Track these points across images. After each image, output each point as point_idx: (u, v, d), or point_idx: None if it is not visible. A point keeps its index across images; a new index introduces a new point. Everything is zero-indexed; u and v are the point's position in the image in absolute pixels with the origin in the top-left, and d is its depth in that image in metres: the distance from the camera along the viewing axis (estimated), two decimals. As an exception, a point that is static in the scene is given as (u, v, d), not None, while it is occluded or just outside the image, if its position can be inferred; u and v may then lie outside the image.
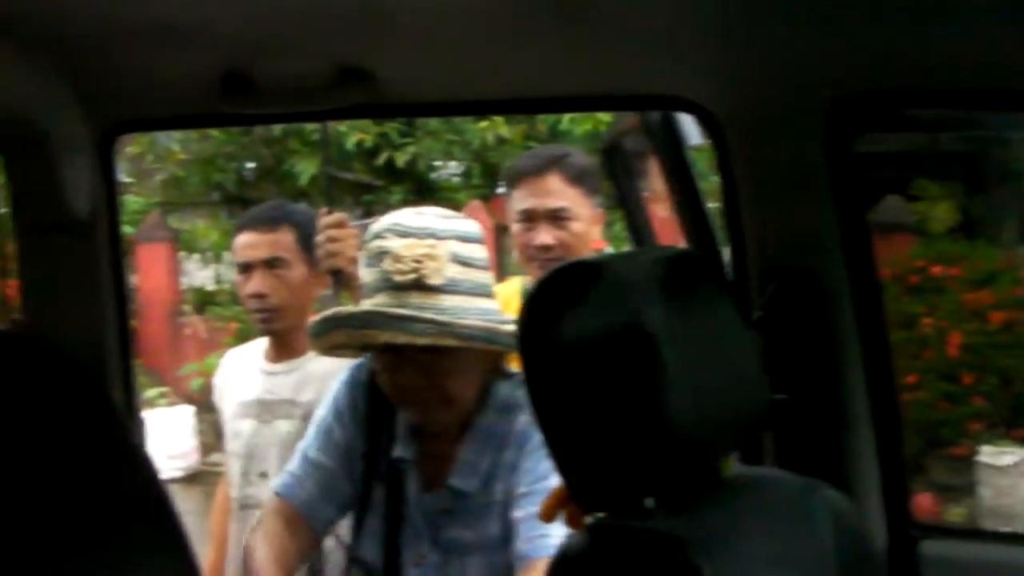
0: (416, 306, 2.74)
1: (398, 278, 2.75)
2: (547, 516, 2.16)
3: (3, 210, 3.10)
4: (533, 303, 2.03)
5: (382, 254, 2.79)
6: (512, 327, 2.75)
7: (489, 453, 2.92)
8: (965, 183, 14.29)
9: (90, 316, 3.07)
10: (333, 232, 3.63)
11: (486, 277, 2.88)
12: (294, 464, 3.20)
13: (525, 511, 2.72)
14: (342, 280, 3.63)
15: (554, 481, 2.11)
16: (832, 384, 2.73)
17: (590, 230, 3.94)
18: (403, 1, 2.38)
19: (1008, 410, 11.18)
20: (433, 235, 2.79)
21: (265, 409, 4.08)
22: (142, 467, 1.48)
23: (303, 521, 3.13)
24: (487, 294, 2.87)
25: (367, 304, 2.82)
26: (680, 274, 2.07)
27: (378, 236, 2.83)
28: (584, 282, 1.97)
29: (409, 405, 2.93)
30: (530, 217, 3.90)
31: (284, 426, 4.00)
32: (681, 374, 1.88)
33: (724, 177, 2.81)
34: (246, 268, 4.07)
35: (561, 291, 2.00)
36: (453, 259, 2.79)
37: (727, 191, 2.82)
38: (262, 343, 4.27)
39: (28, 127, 2.79)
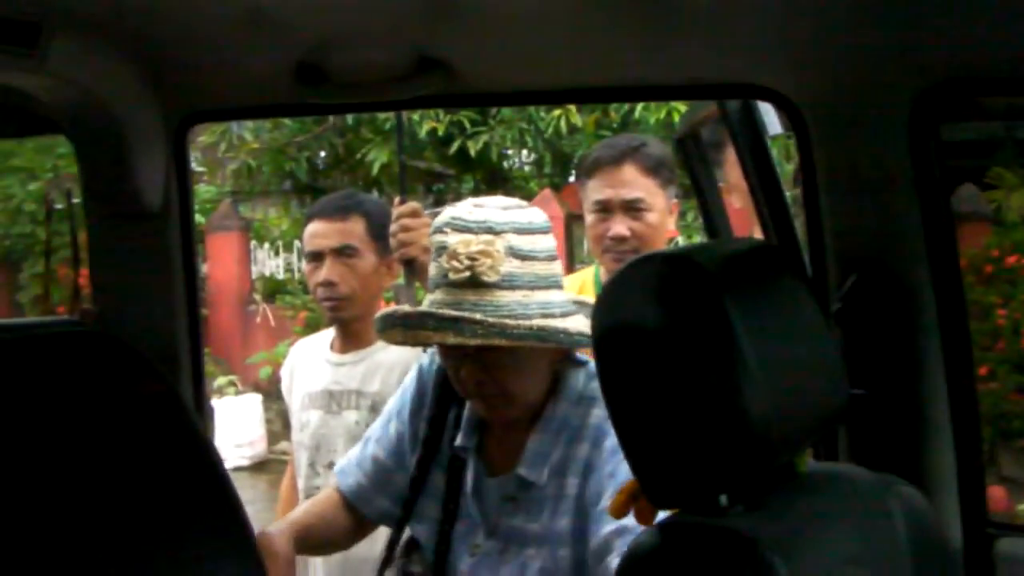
0: (471, 304, 2.72)
1: (453, 276, 2.74)
2: (618, 512, 2.14)
3: (76, 200, 3.10)
4: (610, 294, 2.01)
5: (441, 249, 2.77)
6: (574, 319, 2.76)
7: (561, 445, 2.88)
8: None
9: (161, 306, 3.08)
10: (407, 221, 3.64)
11: (549, 268, 2.83)
12: (355, 449, 3.25)
13: (618, 524, 2.69)
14: (415, 269, 3.63)
15: None
16: (911, 379, 2.69)
17: (665, 221, 3.92)
18: None
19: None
20: (490, 229, 2.75)
21: (332, 400, 4.10)
22: (209, 465, 1.47)
23: (350, 506, 3.18)
24: (550, 285, 2.83)
25: (428, 299, 2.83)
26: (759, 266, 2.05)
27: (439, 230, 2.80)
28: (662, 274, 1.95)
29: (473, 398, 2.92)
30: (606, 208, 3.88)
31: (351, 416, 4.03)
32: (759, 368, 1.85)
33: (804, 167, 2.77)
34: (316, 256, 4.09)
35: (638, 283, 1.97)
36: (511, 253, 2.75)
37: (807, 181, 2.78)
38: (329, 334, 4.29)
39: (102, 117, 2.79)
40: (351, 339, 4.14)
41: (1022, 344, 11.25)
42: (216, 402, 14.70)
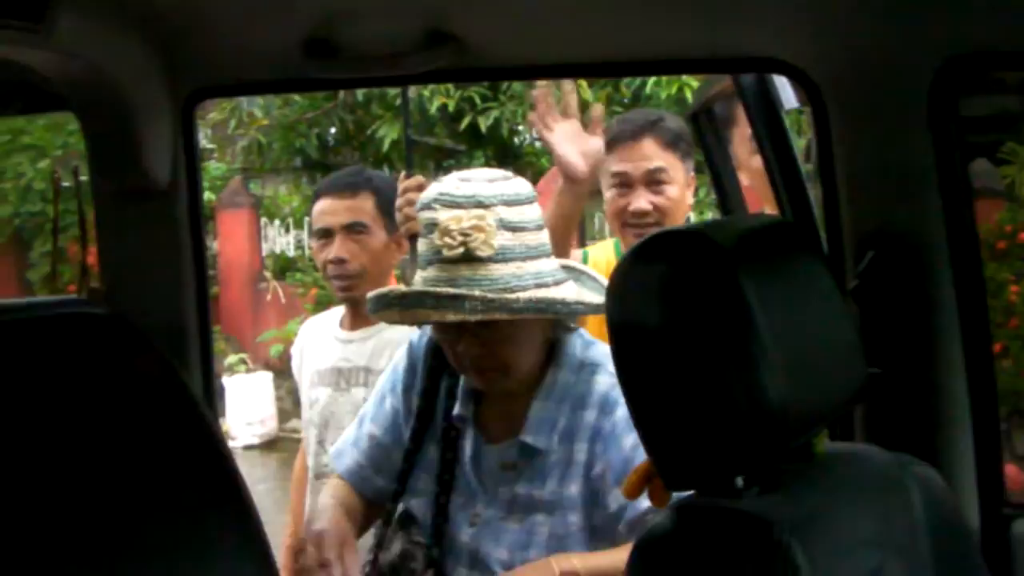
0: (466, 279, 2.74)
1: (447, 252, 2.75)
2: (631, 493, 2.12)
3: (84, 177, 3.08)
4: (624, 273, 1.98)
5: (432, 226, 2.78)
6: (566, 287, 2.82)
7: (566, 411, 2.91)
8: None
9: (169, 284, 3.06)
10: (413, 195, 3.62)
11: (539, 237, 2.85)
12: (350, 431, 3.27)
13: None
14: None
15: None
16: (928, 357, 2.66)
17: (685, 194, 3.92)
18: None
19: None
20: (480, 203, 2.77)
21: (341, 377, 4.13)
22: (210, 441, 1.45)
23: (352, 490, 3.20)
24: (541, 254, 2.85)
25: (420, 276, 2.84)
26: (775, 243, 2.03)
27: (427, 207, 2.82)
28: (679, 251, 1.92)
29: (470, 372, 2.94)
30: (626, 182, 3.87)
31: (360, 394, 4.04)
32: (776, 347, 1.82)
33: (820, 143, 2.73)
34: (326, 234, 4.10)
35: (654, 261, 1.94)
36: (502, 226, 2.77)
37: (823, 157, 2.74)
38: (339, 312, 4.31)
39: (109, 92, 2.77)
40: (360, 317, 4.12)
41: (1035, 320, 11.23)
42: (227, 380, 14.76)
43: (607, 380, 2.86)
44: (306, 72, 2.76)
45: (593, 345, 2.96)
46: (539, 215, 2.87)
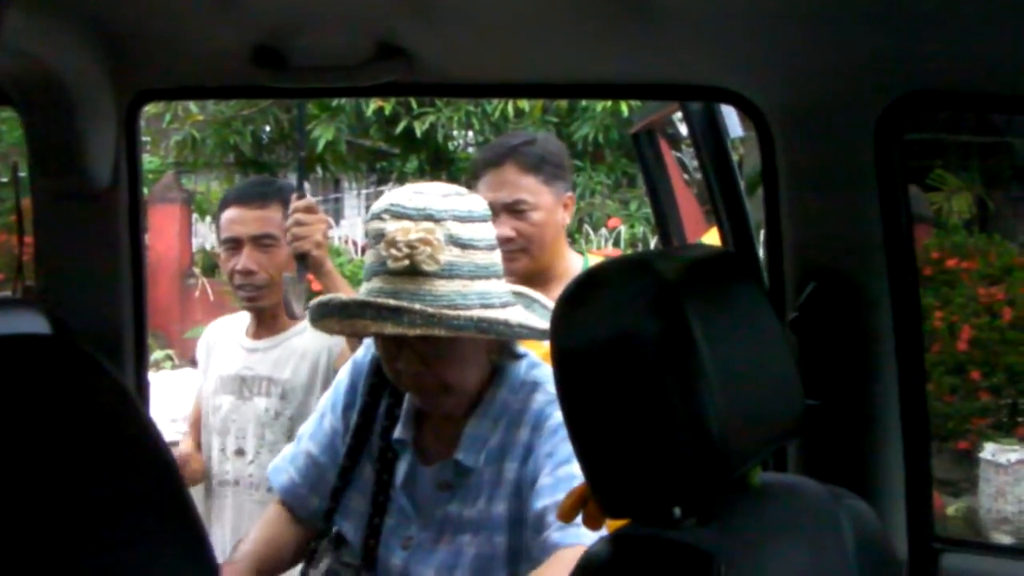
0: (409, 294, 2.70)
1: (392, 264, 2.70)
2: (566, 515, 2.11)
3: (23, 173, 3.05)
4: (570, 299, 1.97)
5: (379, 236, 2.74)
6: (513, 310, 2.79)
7: (500, 430, 2.87)
8: (984, 175, 14.21)
9: (105, 285, 3.05)
10: (301, 216, 3.70)
11: (489, 257, 2.82)
12: (289, 449, 3.22)
13: (553, 499, 2.66)
14: (308, 264, 3.71)
15: (577, 466, 2.05)
16: (864, 391, 2.68)
17: (555, 217, 3.84)
18: None
19: (1014, 408, 11.16)
20: (430, 217, 2.72)
21: (244, 385, 4.15)
22: (171, 479, 1.43)
23: (287, 508, 3.15)
24: (490, 275, 2.82)
25: (364, 287, 2.80)
26: (719, 274, 2.04)
27: (377, 217, 2.77)
28: (623, 280, 1.92)
29: (410, 390, 2.91)
30: (491, 210, 3.84)
31: (261, 403, 4.09)
32: (719, 378, 1.82)
33: (766, 173, 2.74)
34: (233, 243, 4.09)
35: (600, 289, 1.95)
36: (451, 242, 2.73)
37: (768, 187, 2.75)
38: (246, 316, 4.30)
39: (53, 91, 2.74)
40: (265, 325, 4.18)
41: (957, 347, 11.32)
42: (152, 376, 14.58)
43: (543, 398, 2.83)
44: (254, 80, 2.74)
45: (538, 367, 2.93)
46: (492, 235, 2.85)
